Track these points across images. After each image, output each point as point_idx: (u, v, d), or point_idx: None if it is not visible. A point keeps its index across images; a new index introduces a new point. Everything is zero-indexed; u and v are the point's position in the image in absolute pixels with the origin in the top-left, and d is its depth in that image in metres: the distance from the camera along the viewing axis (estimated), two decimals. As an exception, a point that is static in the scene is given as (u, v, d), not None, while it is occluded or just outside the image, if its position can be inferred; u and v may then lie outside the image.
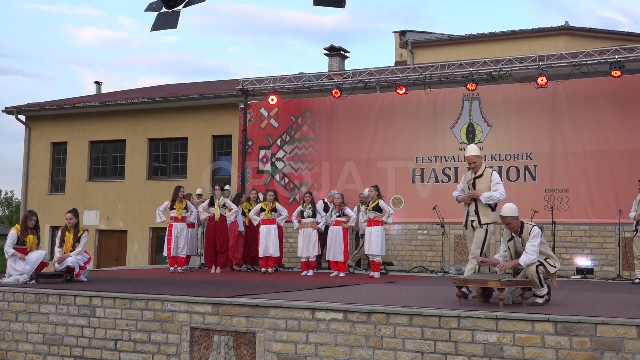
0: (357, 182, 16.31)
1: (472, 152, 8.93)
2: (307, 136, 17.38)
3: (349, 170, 16.64)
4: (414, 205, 15.93)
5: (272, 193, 14.14)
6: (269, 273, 13.70)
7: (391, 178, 16.22)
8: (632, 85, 14.55)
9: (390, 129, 16.58)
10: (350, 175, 16.58)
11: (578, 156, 14.89)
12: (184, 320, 8.03)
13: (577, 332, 6.32)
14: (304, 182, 17.13)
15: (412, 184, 16.10)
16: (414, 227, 15.80)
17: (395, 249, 15.98)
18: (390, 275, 13.79)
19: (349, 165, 16.65)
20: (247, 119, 17.78)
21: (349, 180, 16.48)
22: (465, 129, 15.85)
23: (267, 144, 17.70)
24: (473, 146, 9.04)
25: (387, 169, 16.32)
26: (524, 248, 7.63)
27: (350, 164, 16.63)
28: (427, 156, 16.08)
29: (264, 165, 17.64)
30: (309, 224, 13.66)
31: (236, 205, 14.45)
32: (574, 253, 14.50)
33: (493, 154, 15.49)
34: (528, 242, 7.56)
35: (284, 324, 7.46)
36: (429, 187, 15.89)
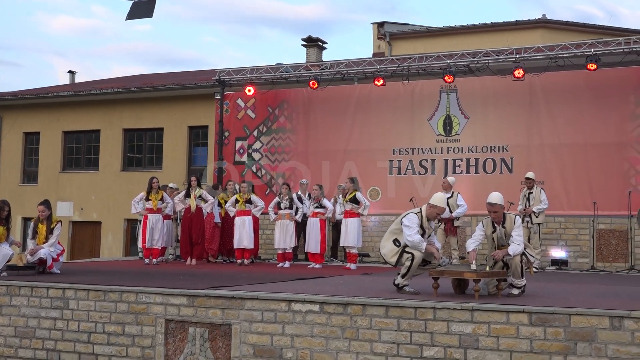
0: (334, 175, 16.36)
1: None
2: (284, 127, 17.35)
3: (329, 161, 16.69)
4: (391, 197, 15.99)
5: (246, 184, 14.08)
6: (245, 265, 13.67)
7: (368, 170, 16.27)
8: (608, 78, 14.71)
9: (368, 120, 16.61)
10: (327, 167, 16.62)
11: (554, 149, 15.03)
12: (158, 312, 7.99)
13: (551, 322, 6.39)
14: (281, 173, 17.11)
15: (389, 176, 16.16)
16: (390, 218, 15.78)
17: (372, 240, 16.03)
18: (366, 267, 13.84)
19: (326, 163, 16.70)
20: (224, 109, 17.70)
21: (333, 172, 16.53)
22: (442, 121, 15.93)
23: (244, 135, 17.63)
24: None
25: (365, 160, 16.37)
26: (507, 239, 7.69)
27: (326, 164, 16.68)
28: (404, 148, 16.13)
29: (240, 157, 17.59)
30: (286, 216, 13.64)
31: (212, 197, 14.39)
32: (549, 245, 14.65)
33: (470, 146, 15.59)
34: (514, 232, 7.62)
35: (260, 316, 7.45)
36: (406, 179, 15.96)
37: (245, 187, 13.99)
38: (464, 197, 14.48)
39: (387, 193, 16.08)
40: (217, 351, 7.67)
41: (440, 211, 7.95)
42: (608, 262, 14.18)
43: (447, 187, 13.74)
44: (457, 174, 15.48)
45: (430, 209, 7.95)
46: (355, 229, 13.00)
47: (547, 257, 14.50)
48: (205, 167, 20.02)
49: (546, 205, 13.31)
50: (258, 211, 14.11)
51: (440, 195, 8.10)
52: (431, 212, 7.94)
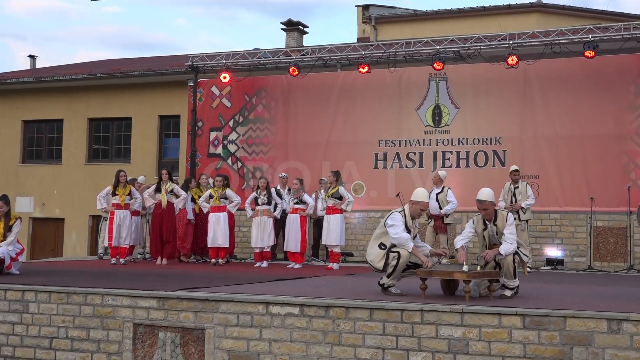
0: (316, 168, 16.35)
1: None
2: (262, 117, 17.31)
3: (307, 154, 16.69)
4: (376, 191, 16.03)
5: (220, 178, 14.03)
6: (220, 265, 13.64)
7: (352, 163, 16.29)
8: (606, 66, 14.80)
9: (352, 110, 16.61)
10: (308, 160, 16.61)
11: (549, 141, 15.12)
12: (126, 316, 7.95)
13: (546, 326, 6.42)
14: (259, 166, 17.07)
15: (374, 170, 16.18)
16: (375, 215, 15.88)
17: (355, 238, 16.06)
18: (350, 267, 13.85)
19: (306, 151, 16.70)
20: (197, 98, 17.63)
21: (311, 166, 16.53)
22: (431, 111, 15.97)
23: (219, 125, 17.57)
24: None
25: (348, 152, 16.39)
26: (499, 237, 7.71)
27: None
28: (390, 140, 16.16)
29: (215, 149, 17.53)
30: (264, 212, 13.61)
31: (185, 192, 14.33)
32: (543, 243, 14.75)
33: (460, 138, 15.64)
34: (506, 230, 7.63)
35: (236, 319, 7.43)
36: (393, 172, 15.99)
37: (220, 181, 13.93)
38: (454, 192, 14.54)
39: (372, 188, 16.10)
40: (190, 357, 7.64)
41: (423, 207, 7.98)
42: (606, 262, 14.30)
43: (437, 181, 13.78)
44: (446, 168, 15.52)
45: (412, 205, 7.96)
46: (337, 226, 13.00)
47: (541, 256, 14.60)
48: (177, 159, 19.94)
49: (533, 200, 13.44)
50: (234, 207, 14.07)
51: (422, 190, 8.14)
52: (414, 209, 7.96)
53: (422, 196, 8.02)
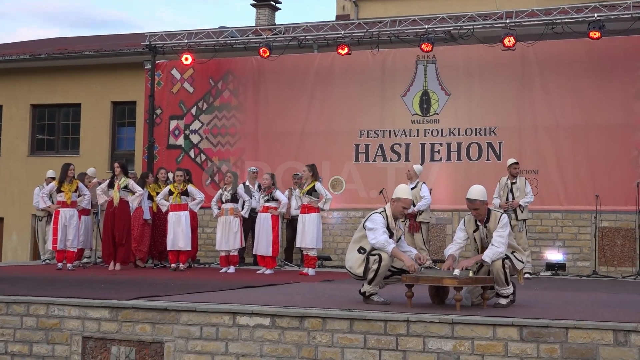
0: (290, 161, 16.37)
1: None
2: (228, 104, 17.28)
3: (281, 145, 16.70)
4: (357, 188, 16.06)
5: (181, 173, 13.95)
6: (181, 270, 13.59)
7: (330, 156, 16.33)
8: (613, 48, 14.91)
9: (330, 96, 16.63)
10: (280, 152, 16.62)
11: (550, 131, 15.22)
12: (74, 328, 7.89)
13: (545, 338, 6.46)
14: (225, 160, 17.05)
15: (355, 163, 16.21)
16: (356, 214, 15.91)
17: (334, 240, 16.10)
18: (327, 272, 13.87)
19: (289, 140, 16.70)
20: (156, 82, 17.55)
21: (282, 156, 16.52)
22: (418, 98, 16.02)
23: (180, 113, 17.51)
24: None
25: (326, 144, 16.42)
26: (489, 239, 7.72)
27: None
28: (373, 130, 16.20)
29: (175, 139, 17.47)
30: (230, 211, 13.58)
31: (141, 188, 14.26)
32: (543, 246, 14.86)
33: (451, 128, 15.72)
34: (496, 233, 7.62)
35: (199, 332, 7.41)
36: (376, 167, 16.03)
37: (181, 176, 13.87)
38: (444, 188, 14.66)
39: (352, 184, 16.12)
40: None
41: (406, 204, 8.00)
42: (612, 266, 14.43)
43: (411, 176, 13.83)
44: (436, 161, 15.62)
45: (394, 204, 7.99)
46: (313, 227, 13.01)
47: (541, 260, 14.70)
48: (132, 151, 19.84)
49: (532, 198, 13.50)
50: (197, 205, 14.02)
51: (404, 187, 8.17)
52: (396, 207, 7.98)
53: (404, 193, 8.04)
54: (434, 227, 15.21)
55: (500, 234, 7.62)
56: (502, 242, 7.59)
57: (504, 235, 7.63)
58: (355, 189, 16.06)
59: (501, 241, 7.58)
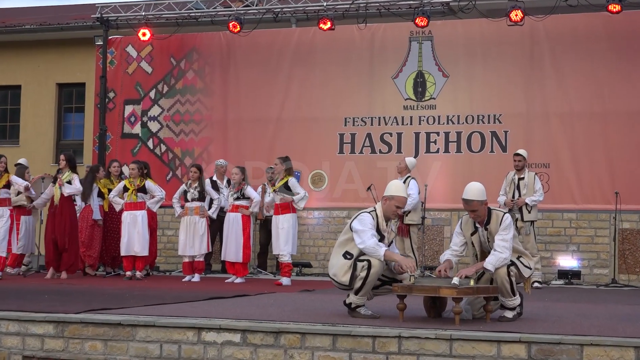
0: (264, 153, 16.36)
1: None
2: (193, 87, 17.25)
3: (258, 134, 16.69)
4: (341, 184, 16.08)
5: (137, 166, 13.91)
6: (137, 279, 13.55)
7: (311, 147, 16.38)
8: (635, 23, 14.97)
9: (310, 78, 16.65)
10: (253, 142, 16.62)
11: (563, 119, 15.27)
12: (13, 346, 7.85)
13: (557, 356, 6.48)
14: (189, 151, 17.02)
15: (339, 155, 16.23)
16: (340, 214, 15.93)
17: (314, 244, 16.12)
18: (307, 281, 13.86)
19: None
20: (108, 61, 17.49)
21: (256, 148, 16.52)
22: (412, 81, 16.06)
23: (137, 96, 17.46)
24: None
25: (305, 134, 16.48)
26: (491, 244, 7.72)
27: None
28: (360, 117, 16.22)
29: (131, 127, 17.42)
30: (195, 210, 13.56)
31: (90, 184, 14.21)
32: (555, 250, 14.91)
33: (450, 116, 15.76)
34: (497, 236, 7.60)
35: (158, 350, 7.39)
36: (363, 159, 16.05)
37: (137, 170, 13.84)
38: (442, 185, 14.70)
39: (336, 179, 16.13)
40: (97, 400, 7.58)
41: (400, 203, 7.96)
42: (634, 274, 14.50)
43: (402, 169, 13.79)
44: (432, 153, 15.67)
45: (386, 202, 7.95)
46: (288, 229, 12.95)
47: (552, 267, 14.76)
48: (81, 141, 19.74)
49: (542, 196, 13.46)
50: (156, 203, 13.99)
51: (397, 183, 8.15)
52: (388, 206, 7.94)
53: (398, 190, 8.01)
54: (429, 229, 15.26)
55: (503, 238, 7.60)
56: (506, 246, 7.57)
57: (508, 238, 7.62)
58: (340, 185, 16.09)
59: (505, 245, 7.57)
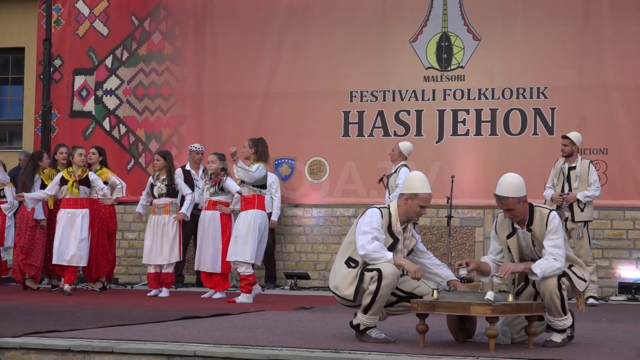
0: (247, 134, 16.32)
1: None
2: (160, 53, 17.24)
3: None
4: (346, 174, 16.09)
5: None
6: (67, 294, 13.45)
7: (308, 128, 16.42)
8: None
9: (306, 44, 16.65)
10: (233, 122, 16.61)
11: (624, 93, 15.28)
12: (-64, 378, 7.87)
13: (617, 390, 6.51)
14: (155, 133, 17.02)
15: (343, 139, 16.23)
16: (345, 212, 15.94)
17: (313, 250, 16.10)
18: (304, 296, 13.89)
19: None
20: (53, 20, 17.41)
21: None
22: (435, 45, 16.02)
23: (89, 65, 17.47)
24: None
25: (301, 112, 16.51)
26: (537, 250, 7.71)
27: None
28: (369, 90, 16.22)
29: (82, 104, 17.41)
30: (163, 208, 13.56)
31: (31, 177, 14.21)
32: (615, 258, 14.90)
33: (482, 89, 15.76)
34: (547, 242, 7.57)
35: (118, 383, 7.41)
36: (373, 143, 16.05)
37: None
38: (472, 175, 14.72)
39: (339, 169, 16.13)
40: None
41: (425, 201, 7.83)
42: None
43: (396, 156, 13.80)
44: (459, 136, 15.69)
45: (406, 202, 7.88)
46: (247, 229, 12.72)
47: (612, 279, 14.75)
48: (19, 121, 19.71)
49: (598, 191, 13.36)
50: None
51: (419, 176, 8.05)
52: (410, 207, 7.82)
53: (422, 185, 7.90)
54: (457, 232, 15.25)
55: (555, 244, 7.55)
56: (560, 254, 7.54)
57: (560, 244, 7.58)
58: (345, 176, 16.10)
59: (558, 253, 7.53)
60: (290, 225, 16.20)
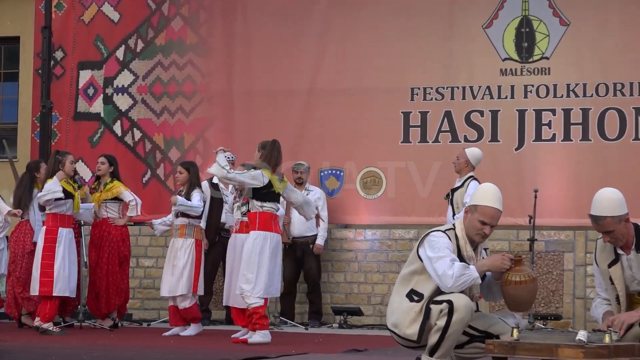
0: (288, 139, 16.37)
1: None
2: (181, 42, 17.31)
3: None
4: (406, 188, 16.08)
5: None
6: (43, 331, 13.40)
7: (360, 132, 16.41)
8: None
9: (357, 30, 16.66)
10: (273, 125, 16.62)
11: None
12: None
13: None
14: (176, 139, 17.07)
15: (402, 145, 16.23)
16: (405, 234, 15.90)
17: (366, 280, 16.08)
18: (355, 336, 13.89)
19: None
20: (54, 3, 17.50)
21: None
22: (514, 31, 15.99)
23: (97, 57, 17.57)
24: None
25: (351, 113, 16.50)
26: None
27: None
28: (434, 87, 16.21)
29: (89, 104, 17.49)
30: (179, 230, 13.57)
31: (30, 186, 14.29)
32: None
33: (571, 84, 15.71)
34: None
35: None
36: (439, 150, 16.03)
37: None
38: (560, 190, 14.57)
39: (397, 182, 16.11)
40: None
41: (487, 216, 7.66)
42: None
43: (462, 166, 13.82)
44: (544, 142, 15.63)
45: (467, 216, 7.90)
46: (251, 254, 12.67)
47: None
48: (13, 124, 19.82)
49: None
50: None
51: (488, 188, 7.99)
52: (470, 221, 7.76)
53: (485, 196, 7.84)
54: (541, 258, 15.14)
55: None
56: None
57: None
58: (405, 190, 16.08)
59: None
60: (339, 250, 16.17)
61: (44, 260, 13.63)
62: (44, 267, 13.56)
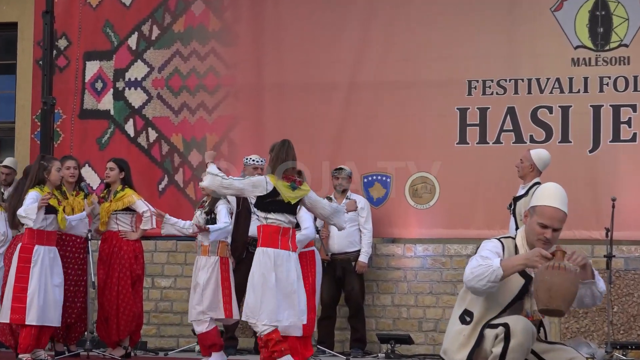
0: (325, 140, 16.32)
1: None
2: (203, 29, 17.33)
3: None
4: (462, 198, 16.03)
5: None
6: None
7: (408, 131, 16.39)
8: None
9: (405, 15, 16.66)
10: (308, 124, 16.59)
11: None
12: None
13: None
14: (197, 140, 17.04)
15: (457, 147, 16.22)
16: (462, 250, 15.86)
17: (417, 303, 16.04)
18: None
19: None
20: (57, -12, 17.57)
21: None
22: (587, 15, 15.91)
23: (107, 46, 17.61)
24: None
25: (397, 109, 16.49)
26: None
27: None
28: (494, 80, 16.18)
29: (97, 99, 17.51)
30: (202, 248, 13.57)
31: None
32: None
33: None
34: None
35: None
36: (501, 153, 15.98)
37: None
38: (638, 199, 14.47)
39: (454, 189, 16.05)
40: None
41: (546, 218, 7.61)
42: None
43: (527, 170, 13.94)
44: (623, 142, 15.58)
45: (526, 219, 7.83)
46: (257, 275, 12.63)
47: None
48: (10, 123, 19.88)
49: None
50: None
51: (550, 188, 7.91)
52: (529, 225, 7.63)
53: (544, 195, 7.80)
54: (620, 277, 15.11)
55: None
56: None
57: None
58: (462, 199, 16.04)
59: None
60: (386, 268, 16.12)
61: (16, 283, 13.69)
62: (16, 292, 13.62)
